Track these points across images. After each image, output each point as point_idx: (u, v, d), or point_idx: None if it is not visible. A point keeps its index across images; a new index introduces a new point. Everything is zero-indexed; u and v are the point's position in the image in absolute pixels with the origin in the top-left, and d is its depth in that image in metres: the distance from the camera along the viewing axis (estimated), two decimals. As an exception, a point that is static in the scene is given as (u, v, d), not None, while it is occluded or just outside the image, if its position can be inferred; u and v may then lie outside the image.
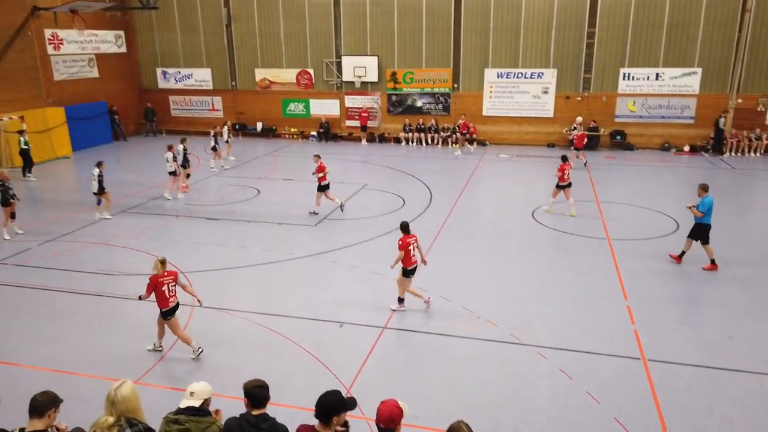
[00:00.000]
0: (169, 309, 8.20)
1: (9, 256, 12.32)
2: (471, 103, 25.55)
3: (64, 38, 24.32)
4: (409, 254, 9.43)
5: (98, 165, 15.08)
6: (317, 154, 15.87)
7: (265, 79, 27.61)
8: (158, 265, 8.12)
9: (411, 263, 9.49)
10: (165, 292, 8.06)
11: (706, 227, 11.15)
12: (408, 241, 9.43)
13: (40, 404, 4.45)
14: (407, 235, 9.48)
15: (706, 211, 11.03)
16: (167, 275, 8.15)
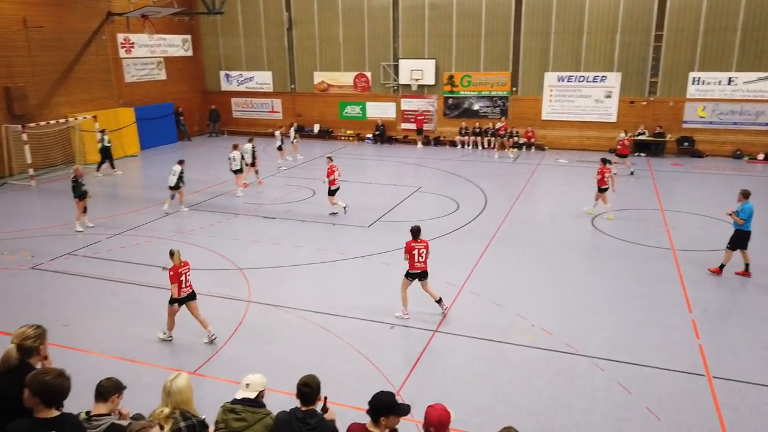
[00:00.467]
0: (183, 297, 8.57)
1: (80, 248, 13.01)
2: (530, 106, 25.10)
3: (135, 42, 25.52)
4: (413, 259, 9.32)
5: (180, 162, 15.92)
6: (330, 156, 16.12)
7: (324, 81, 28.05)
8: (177, 256, 8.51)
9: (414, 268, 9.38)
10: (182, 282, 8.48)
11: (746, 234, 10.96)
12: (413, 245, 9.32)
13: (105, 389, 4.67)
14: (413, 240, 9.38)
15: (747, 218, 10.82)
16: (183, 265, 8.55)
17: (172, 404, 4.27)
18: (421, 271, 9.44)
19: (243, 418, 4.38)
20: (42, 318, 9.67)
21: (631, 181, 19.34)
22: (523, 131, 25.02)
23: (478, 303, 10.12)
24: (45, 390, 3.64)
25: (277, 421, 4.40)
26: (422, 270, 9.44)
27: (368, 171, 21.95)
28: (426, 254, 9.38)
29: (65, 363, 8.34)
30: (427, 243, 9.51)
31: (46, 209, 16.80)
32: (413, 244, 9.35)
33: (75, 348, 8.68)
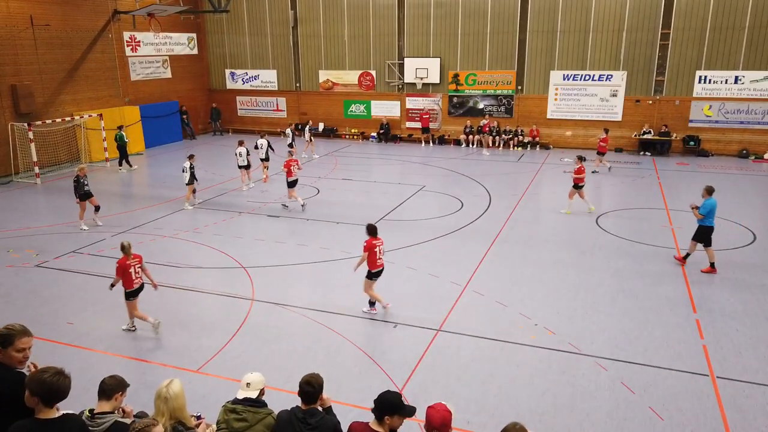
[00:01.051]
0: (134, 290, 8.83)
1: (85, 246, 13.07)
2: (535, 105, 25.04)
3: (141, 40, 25.59)
4: (375, 257, 9.32)
5: (189, 158, 16.09)
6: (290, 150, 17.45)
7: (328, 80, 28.06)
8: (127, 248, 8.74)
9: (376, 266, 9.40)
10: (132, 274, 8.72)
11: (708, 229, 11.23)
12: (374, 243, 9.31)
13: (108, 387, 4.69)
14: (373, 237, 9.37)
15: (707, 214, 11.09)
16: (134, 258, 8.79)
17: (168, 410, 4.27)
18: (382, 268, 9.52)
19: (244, 418, 4.39)
20: (46, 315, 9.76)
21: (637, 180, 19.28)
22: (528, 130, 24.98)
23: (481, 302, 10.11)
24: (43, 389, 3.62)
25: (278, 421, 4.41)
26: (383, 267, 9.53)
27: (372, 170, 21.95)
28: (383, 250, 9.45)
29: (69, 360, 8.43)
30: (382, 240, 9.51)
31: (51, 207, 16.88)
32: (374, 242, 9.33)
33: (79, 346, 8.73)
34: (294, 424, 4.30)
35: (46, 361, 8.16)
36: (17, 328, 3.95)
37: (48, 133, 20.88)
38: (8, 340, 3.84)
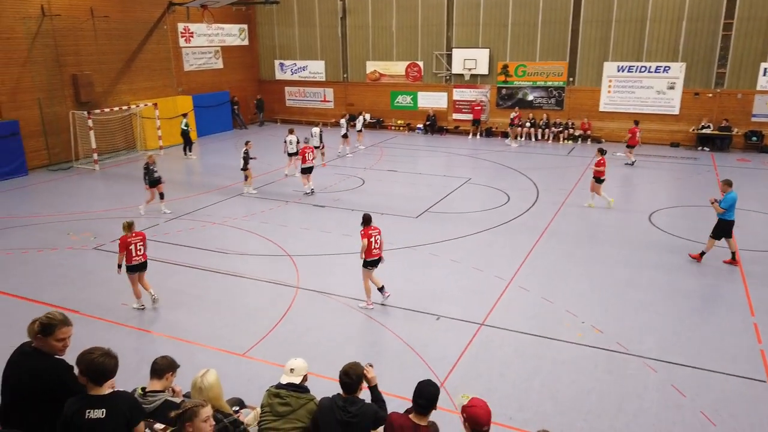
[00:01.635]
0: (133, 266, 9.37)
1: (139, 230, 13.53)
2: (587, 97, 24.36)
3: (195, 31, 26.23)
4: (371, 246, 9.27)
5: (246, 144, 16.58)
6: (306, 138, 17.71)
7: (376, 71, 28.06)
8: (126, 227, 9.41)
9: (372, 255, 9.34)
10: (132, 251, 9.32)
11: (729, 223, 11.05)
12: (369, 232, 9.29)
13: (160, 367, 4.87)
14: (368, 227, 9.35)
15: (728, 207, 10.93)
16: (135, 236, 9.40)
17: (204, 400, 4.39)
18: (379, 257, 9.46)
19: (288, 403, 4.47)
20: (102, 296, 10.18)
21: (694, 176, 18.53)
22: (579, 123, 24.35)
23: (526, 298, 9.96)
24: (90, 369, 3.78)
25: (320, 407, 4.49)
26: (380, 256, 9.47)
27: (418, 161, 21.87)
28: (381, 240, 9.38)
29: (123, 340, 8.77)
30: (378, 229, 9.48)
31: (108, 192, 17.55)
32: (369, 231, 9.31)
33: (133, 326, 9.08)
34: (335, 411, 4.38)
35: (102, 340, 8.53)
36: (58, 317, 4.08)
37: (106, 121, 21.71)
38: (49, 329, 4.00)
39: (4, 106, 18.91)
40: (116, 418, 3.75)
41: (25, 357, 3.93)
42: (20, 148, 19.04)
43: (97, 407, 3.74)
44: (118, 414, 3.77)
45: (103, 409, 3.74)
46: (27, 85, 19.56)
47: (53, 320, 4.02)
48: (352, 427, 4.34)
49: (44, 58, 19.96)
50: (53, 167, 20.27)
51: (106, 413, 3.73)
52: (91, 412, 3.71)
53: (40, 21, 19.68)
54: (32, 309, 9.62)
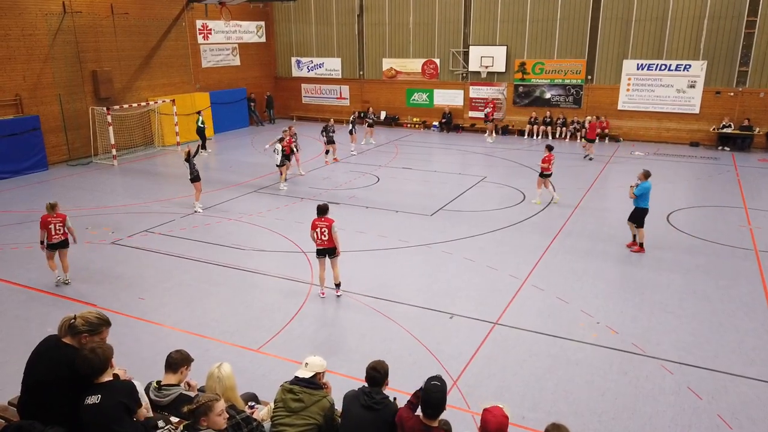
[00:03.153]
0: (52, 244, 10.10)
1: (156, 226, 13.70)
2: (605, 95, 24.10)
3: (212, 28, 26.41)
4: (316, 236, 9.62)
5: (279, 141, 16.75)
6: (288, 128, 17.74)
7: (392, 68, 28.03)
8: (49, 207, 10.07)
9: (316, 244, 9.69)
10: (51, 230, 10.04)
11: (643, 211, 11.73)
12: (315, 223, 9.62)
13: (174, 361, 4.92)
14: (318, 217, 9.64)
15: (641, 196, 11.57)
16: (56, 217, 10.08)
17: (221, 390, 4.43)
18: (322, 248, 9.66)
19: (300, 399, 4.50)
20: (119, 290, 10.31)
21: (715, 176, 18.25)
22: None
23: (541, 297, 9.90)
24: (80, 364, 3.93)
25: (345, 397, 4.60)
26: (323, 247, 9.65)
27: (433, 159, 21.82)
28: (328, 233, 9.56)
29: (139, 334, 8.87)
30: (330, 222, 9.61)
31: (126, 188, 17.76)
32: (316, 222, 9.64)
33: (149, 320, 9.18)
34: (359, 398, 4.49)
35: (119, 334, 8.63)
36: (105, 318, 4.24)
37: (125, 117, 21.97)
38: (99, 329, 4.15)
39: (26, 101, 19.21)
40: (111, 402, 3.88)
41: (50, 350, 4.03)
42: (41, 143, 19.34)
43: (94, 393, 3.90)
44: (112, 399, 3.89)
45: (98, 395, 3.89)
46: (48, 81, 19.85)
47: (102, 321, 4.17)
48: (374, 413, 4.42)
49: (65, 54, 20.24)
50: (73, 162, 20.57)
51: (101, 398, 3.87)
52: (88, 398, 3.88)
53: (62, 18, 19.95)
54: (51, 302, 9.79)
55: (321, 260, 9.84)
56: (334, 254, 9.74)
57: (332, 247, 9.69)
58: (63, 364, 3.95)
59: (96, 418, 3.85)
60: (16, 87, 18.91)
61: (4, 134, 18.15)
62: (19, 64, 18.91)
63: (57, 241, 10.17)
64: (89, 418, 3.86)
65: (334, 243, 9.65)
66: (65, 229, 10.20)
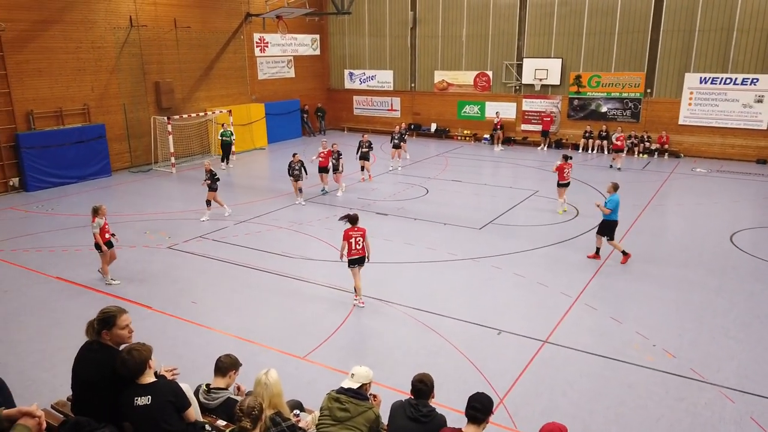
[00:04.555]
0: (109, 242, 10.89)
1: (210, 232, 14.09)
2: (665, 110, 23.30)
3: (269, 41, 27.14)
4: (350, 246, 9.63)
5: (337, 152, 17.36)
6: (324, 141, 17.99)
7: (444, 80, 28.02)
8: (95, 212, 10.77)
9: (351, 254, 9.69)
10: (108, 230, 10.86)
11: (613, 224, 11.90)
12: (350, 233, 9.64)
13: (223, 365, 5.03)
14: (352, 227, 9.68)
15: (613, 208, 11.73)
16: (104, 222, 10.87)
17: (267, 396, 4.48)
18: (358, 257, 9.76)
19: (346, 409, 4.50)
20: (173, 294, 10.63)
21: None
22: (656, 136, 23.30)
23: (593, 316, 9.59)
24: (118, 365, 4.08)
25: (392, 408, 4.62)
26: (358, 256, 9.75)
27: (483, 172, 21.60)
28: (363, 241, 9.67)
29: (190, 337, 9.10)
30: (364, 231, 9.73)
31: (183, 194, 18.38)
32: (350, 232, 9.69)
33: (200, 324, 9.42)
34: (405, 409, 4.50)
35: (171, 336, 8.89)
36: (113, 309, 4.33)
37: (184, 127, 22.78)
38: (111, 321, 4.23)
39: (93, 111, 20.22)
40: (161, 402, 4.04)
41: (92, 352, 4.20)
42: (105, 150, 20.28)
43: (143, 395, 4.04)
44: (162, 399, 4.05)
45: (148, 396, 4.04)
46: (114, 92, 20.84)
47: (110, 312, 4.27)
48: (420, 426, 4.41)
49: (130, 66, 21.22)
50: (134, 169, 21.46)
51: (151, 399, 4.03)
52: (138, 399, 4.03)
53: (128, 31, 20.96)
54: (110, 303, 10.19)
55: (354, 270, 9.92)
56: (363, 263, 9.90)
57: (365, 255, 9.85)
58: (104, 365, 4.11)
59: (148, 418, 3.98)
60: (84, 97, 19.94)
61: (72, 141, 19.15)
62: (88, 75, 19.94)
63: (106, 242, 10.86)
64: (141, 419, 3.99)
65: (365, 252, 9.80)
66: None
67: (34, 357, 8.38)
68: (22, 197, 17.73)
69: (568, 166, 15.36)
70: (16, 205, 16.76)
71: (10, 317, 9.69)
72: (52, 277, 11.31)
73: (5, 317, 9.68)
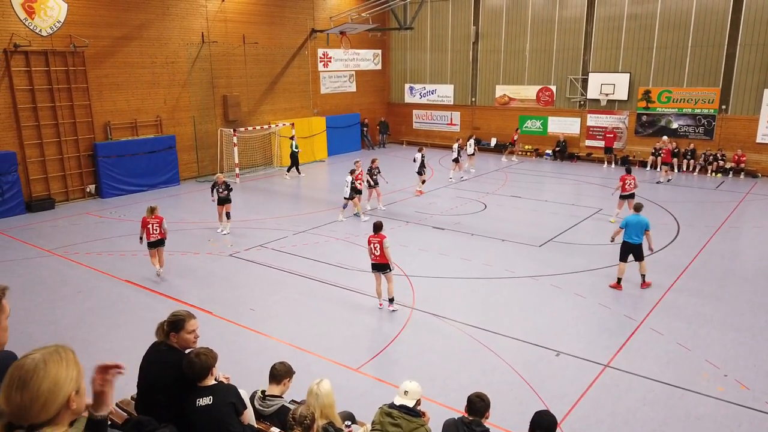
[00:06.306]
0: (151, 242, 11.58)
1: (270, 241, 14.42)
2: (741, 127, 22.13)
3: (332, 56, 27.71)
4: (370, 252, 9.98)
5: (351, 173, 16.52)
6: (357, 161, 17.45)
7: (505, 95, 27.71)
8: (149, 211, 11.61)
9: (372, 259, 10.02)
10: (150, 230, 11.51)
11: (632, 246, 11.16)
12: (370, 239, 9.99)
13: (278, 372, 5.10)
14: (373, 234, 9.98)
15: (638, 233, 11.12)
16: (154, 218, 11.55)
17: (319, 406, 4.49)
18: (376, 263, 9.99)
19: (398, 425, 4.47)
20: (233, 300, 10.91)
21: None
22: (732, 155, 22.11)
23: (659, 342, 9.12)
24: (185, 367, 4.23)
25: (444, 426, 4.56)
26: (377, 262, 9.97)
27: (544, 188, 21.12)
28: (380, 248, 9.84)
29: (247, 343, 9.29)
30: (383, 237, 9.90)
31: (246, 204, 18.92)
32: (370, 238, 10.00)
33: (257, 331, 9.62)
34: (459, 427, 4.44)
35: (230, 341, 9.11)
36: (183, 313, 4.49)
37: (248, 139, 23.53)
38: (180, 324, 4.39)
39: (165, 122, 21.22)
40: (222, 403, 4.16)
41: (160, 353, 4.35)
42: (175, 160, 21.21)
43: (205, 396, 4.17)
44: (223, 400, 4.18)
45: (210, 396, 4.17)
46: (185, 104, 21.81)
47: (180, 316, 4.42)
48: None
49: (200, 80, 22.17)
50: (201, 179, 22.31)
51: (212, 399, 4.16)
52: (200, 400, 4.16)
53: (200, 47, 21.93)
54: (175, 306, 10.57)
55: (376, 275, 10.21)
56: (387, 270, 10.01)
57: (385, 263, 9.93)
58: (170, 367, 4.25)
59: (209, 418, 4.09)
60: (157, 109, 20.97)
61: (144, 151, 20.14)
62: (161, 88, 20.97)
63: (154, 240, 11.61)
64: (202, 419, 4.10)
65: (386, 259, 9.89)
66: (161, 230, 11.64)
67: (102, 356, 8.73)
68: (98, 203, 18.77)
69: (629, 178, 15.47)
70: (91, 211, 17.76)
71: (83, 317, 10.22)
72: (122, 280, 11.87)
73: (77, 317, 10.22)
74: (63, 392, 2.13)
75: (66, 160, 18.63)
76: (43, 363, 2.12)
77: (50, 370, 2.11)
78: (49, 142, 18.17)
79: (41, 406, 2.06)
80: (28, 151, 17.71)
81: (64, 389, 2.13)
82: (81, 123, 18.81)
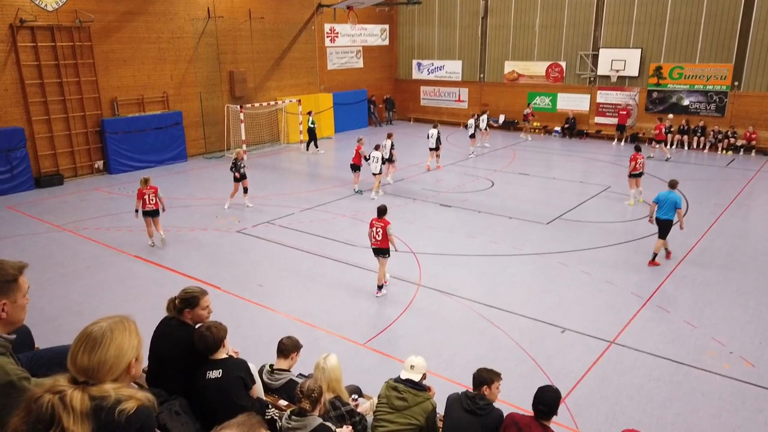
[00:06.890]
0: (147, 211, 12.04)
1: (277, 218, 14.47)
2: (754, 104, 21.80)
3: (339, 32, 27.41)
4: (370, 235, 9.83)
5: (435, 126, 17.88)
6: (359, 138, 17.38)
7: (514, 71, 27.38)
8: (143, 182, 12.06)
9: (372, 243, 9.87)
10: (146, 200, 11.95)
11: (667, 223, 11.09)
12: (372, 223, 9.84)
13: (286, 347, 5.16)
14: (375, 218, 9.83)
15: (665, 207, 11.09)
16: (149, 188, 12.00)
17: (326, 380, 4.54)
18: (375, 247, 9.86)
19: (404, 398, 4.52)
20: (241, 276, 11.00)
21: None
22: (743, 132, 21.84)
23: (665, 319, 9.14)
24: (196, 341, 4.30)
25: (448, 399, 4.63)
26: (376, 246, 9.84)
27: (552, 166, 21.00)
28: (382, 233, 9.67)
29: (256, 318, 9.39)
30: (386, 223, 9.65)
31: (253, 181, 18.84)
32: (373, 222, 9.84)
33: (265, 306, 9.71)
34: (462, 401, 4.49)
35: (238, 316, 9.20)
36: (196, 290, 4.57)
37: (255, 115, 23.44)
38: (195, 301, 4.48)
39: (171, 98, 21.15)
40: (231, 377, 4.22)
41: (171, 328, 4.41)
42: (182, 136, 21.20)
43: (215, 369, 4.24)
44: (232, 374, 4.24)
45: (219, 370, 4.23)
46: (191, 80, 21.70)
47: (194, 293, 4.49)
48: (476, 418, 4.39)
49: (207, 55, 22.02)
50: (208, 155, 22.32)
51: (222, 373, 4.22)
52: (210, 373, 4.23)
53: (206, 22, 21.73)
54: (186, 282, 10.68)
55: (378, 258, 10.08)
56: (386, 255, 9.92)
57: (385, 247, 9.84)
58: (182, 341, 4.32)
59: (218, 390, 4.16)
60: (164, 85, 20.88)
61: (152, 127, 20.13)
62: (167, 64, 20.86)
63: (150, 209, 12.04)
64: (212, 391, 4.17)
65: (387, 244, 9.80)
66: (157, 199, 12.04)
67: (113, 329, 8.90)
68: (106, 179, 18.85)
69: (640, 157, 15.12)
70: (100, 187, 17.84)
71: (93, 291, 10.34)
72: (131, 255, 11.97)
73: (88, 290, 10.34)
74: (126, 358, 2.37)
75: (74, 136, 18.66)
76: (110, 331, 2.40)
77: (116, 338, 2.37)
78: (57, 118, 18.18)
79: (108, 369, 2.29)
80: (36, 126, 17.74)
81: (127, 356, 2.37)
82: (88, 99, 18.78)
